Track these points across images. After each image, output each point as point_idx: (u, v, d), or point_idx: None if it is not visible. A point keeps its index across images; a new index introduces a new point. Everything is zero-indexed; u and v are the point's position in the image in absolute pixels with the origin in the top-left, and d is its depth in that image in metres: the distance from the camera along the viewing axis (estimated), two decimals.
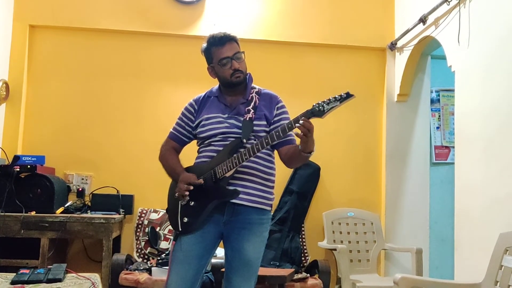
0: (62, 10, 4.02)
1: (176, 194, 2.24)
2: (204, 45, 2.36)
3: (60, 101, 4.03)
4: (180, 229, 2.25)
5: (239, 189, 2.20)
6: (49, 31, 4.05)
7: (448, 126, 4.49)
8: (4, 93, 3.81)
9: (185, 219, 2.24)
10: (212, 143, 2.29)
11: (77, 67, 4.06)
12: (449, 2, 3.19)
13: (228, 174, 2.18)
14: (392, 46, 4.19)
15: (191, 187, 2.19)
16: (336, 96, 1.98)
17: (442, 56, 3.45)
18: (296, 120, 2.02)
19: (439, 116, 4.51)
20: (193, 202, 2.24)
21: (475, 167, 2.90)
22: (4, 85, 3.81)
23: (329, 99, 1.99)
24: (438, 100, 4.54)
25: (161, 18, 4.10)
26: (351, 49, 4.29)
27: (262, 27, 4.18)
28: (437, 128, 4.49)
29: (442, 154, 4.48)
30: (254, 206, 2.23)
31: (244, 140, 2.22)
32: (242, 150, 2.17)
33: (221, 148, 2.25)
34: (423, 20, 3.55)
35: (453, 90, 3.28)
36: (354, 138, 4.24)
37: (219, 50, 2.29)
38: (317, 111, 2.00)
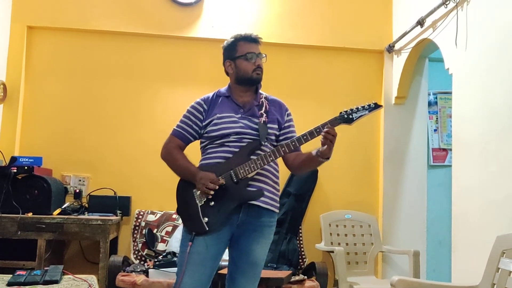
0: (60, 11, 4.02)
1: (198, 192, 2.20)
2: (231, 39, 2.39)
3: (58, 102, 4.03)
4: (206, 229, 2.17)
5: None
6: (47, 32, 4.05)
7: (446, 128, 4.50)
8: (2, 94, 3.81)
9: (205, 219, 2.18)
10: (226, 143, 2.26)
11: (75, 69, 4.06)
12: (446, 5, 3.20)
13: (250, 175, 2.19)
14: (390, 48, 4.20)
15: (217, 187, 2.15)
16: (365, 105, 2.10)
17: (440, 59, 3.46)
18: (325, 125, 2.08)
19: (437, 118, 4.52)
20: (213, 202, 2.20)
21: (473, 169, 2.91)
22: (2, 86, 3.81)
23: (357, 108, 2.09)
24: (436, 103, 4.55)
25: (159, 19, 4.10)
26: (349, 51, 4.29)
27: (261, 29, 4.18)
28: (435, 130, 4.50)
29: (440, 156, 4.48)
30: (267, 208, 2.24)
31: (262, 142, 2.24)
32: (263, 152, 2.20)
33: (236, 149, 2.24)
34: (420, 22, 3.56)
35: (450, 93, 3.29)
36: (351, 140, 4.24)
37: (247, 45, 2.34)
38: (346, 118, 2.09)
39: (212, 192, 2.16)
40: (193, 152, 2.46)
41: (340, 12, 4.27)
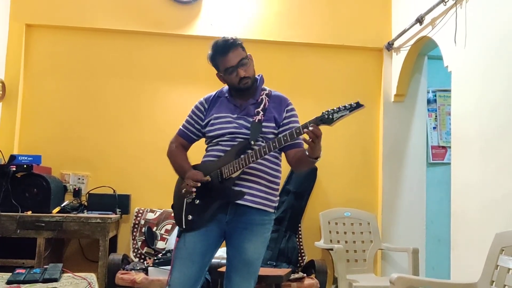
0: (59, 9, 4.01)
1: (183, 191, 2.25)
2: (210, 53, 2.35)
3: (57, 100, 4.02)
4: (184, 226, 2.27)
5: (244, 190, 2.22)
6: (45, 30, 4.05)
7: (445, 126, 4.50)
8: (1, 92, 3.80)
9: (190, 217, 2.25)
10: (220, 142, 2.30)
11: (73, 67, 4.06)
12: (445, 2, 3.19)
13: (234, 175, 2.20)
14: (389, 46, 4.20)
15: (199, 184, 2.20)
16: (346, 105, 1.99)
17: (439, 57, 3.45)
18: (305, 126, 2.03)
19: (436, 116, 4.52)
20: (198, 200, 2.25)
21: (472, 167, 2.91)
22: (1, 84, 3.80)
23: (339, 108, 2.00)
24: (435, 100, 4.55)
25: (158, 17, 4.09)
26: (348, 49, 4.29)
27: (260, 27, 4.18)
28: (434, 128, 4.50)
29: (439, 154, 4.49)
30: (257, 208, 2.24)
31: (252, 142, 2.23)
32: (249, 151, 2.19)
33: (228, 148, 2.27)
34: (420, 20, 3.56)
35: (449, 91, 3.29)
36: (351, 138, 4.25)
37: (224, 60, 2.28)
38: (326, 119, 2.01)
39: (193, 190, 2.20)
40: (196, 152, 2.48)
41: (339, 10, 4.27)
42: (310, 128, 2.00)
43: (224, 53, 2.27)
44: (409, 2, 3.92)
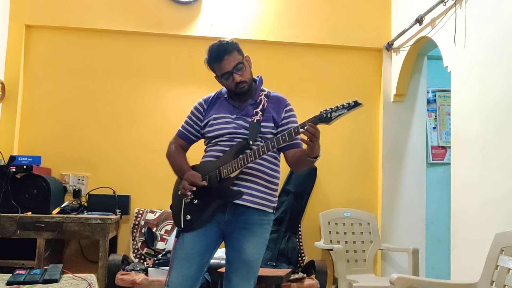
0: (59, 10, 4.01)
1: (179, 192, 2.26)
2: (206, 57, 2.35)
3: (56, 101, 4.02)
4: (182, 226, 2.27)
5: (243, 190, 2.22)
6: (45, 31, 4.05)
7: (445, 126, 4.50)
8: (0, 93, 3.80)
9: (188, 217, 2.26)
10: (219, 143, 2.31)
11: (73, 67, 4.06)
12: (445, 2, 3.20)
13: (233, 175, 2.20)
14: (389, 46, 4.20)
15: (194, 188, 2.21)
16: (344, 103, 1.99)
17: (439, 57, 3.46)
18: (303, 125, 2.03)
19: (436, 116, 4.52)
20: (196, 201, 2.26)
21: (471, 167, 2.91)
22: (0, 85, 3.80)
23: (337, 107, 2.00)
24: (435, 101, 4.55)
25: (157, 18, 4.10)
26: (348, 49, 4.29)
27: (259, 27, 4.18)
28: (434, 128, 4.50)
29: (439, 154, 4.49)
30: (255, 208, 2.25)
31: (250, 142, 2.24)
32: (248, 151, 2.19)
33: (227, 148, 2.27)
34: (419, 20, 3.56)
35: (449, 91, 3.29)
36: (350, 138, 4.25)
37: (219, 66, 2.29)
38: (324, 118, 2.01)
39: (189, 193, 2.21)
40: (195, 152, 2.48)
41: (338, 10, 4.27)
42: (306, 128, 2.00)
43: (219, 59, 2.27)
44: (409, 2, 3.92)
